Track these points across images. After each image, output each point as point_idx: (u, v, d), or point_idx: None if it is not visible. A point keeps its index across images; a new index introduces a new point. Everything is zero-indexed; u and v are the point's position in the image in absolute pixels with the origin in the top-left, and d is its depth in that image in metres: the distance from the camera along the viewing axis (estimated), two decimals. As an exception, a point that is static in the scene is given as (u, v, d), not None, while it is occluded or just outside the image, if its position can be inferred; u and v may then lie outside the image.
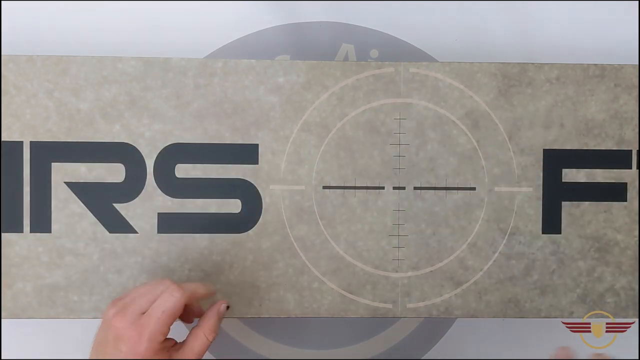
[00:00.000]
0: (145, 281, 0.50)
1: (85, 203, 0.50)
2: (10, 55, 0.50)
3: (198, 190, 0.51)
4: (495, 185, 0.51)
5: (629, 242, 0.52)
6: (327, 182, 0.51)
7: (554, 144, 0.51)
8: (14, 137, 0.50)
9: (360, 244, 0.51)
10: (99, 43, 0.56)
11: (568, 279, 0.52)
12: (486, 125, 0.51)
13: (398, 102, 0.51)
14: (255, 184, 0.51)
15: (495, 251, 0.52)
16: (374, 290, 0.51)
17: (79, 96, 0.50)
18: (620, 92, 0.52)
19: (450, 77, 0.51)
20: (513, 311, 0.52)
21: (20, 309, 0.50)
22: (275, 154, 0.51)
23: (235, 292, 0.51)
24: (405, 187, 0.51)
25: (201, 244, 0.51)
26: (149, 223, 0.51)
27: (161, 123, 0.51)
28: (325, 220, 0.51)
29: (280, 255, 0.51)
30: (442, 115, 0.51)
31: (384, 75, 0.51)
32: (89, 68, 0.50)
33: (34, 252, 0.50)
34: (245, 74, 0.51)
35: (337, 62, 0.51)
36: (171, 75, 0.50)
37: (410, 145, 0.51)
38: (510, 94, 0.51)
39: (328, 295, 0.51)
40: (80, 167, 0.50)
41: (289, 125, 0.51)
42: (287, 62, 0.51)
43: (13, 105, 0.50)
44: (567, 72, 0.51)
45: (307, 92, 0.51)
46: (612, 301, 0.52)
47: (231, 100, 0.51)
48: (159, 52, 0.47)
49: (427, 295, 0.51)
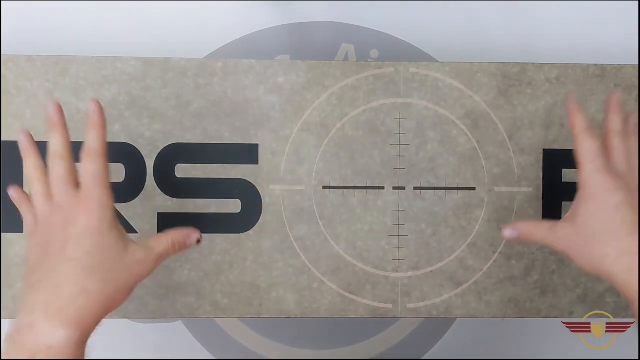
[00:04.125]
0: (145, 282, 0.50)
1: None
2: (10, 55, 0.50)
3: (198, 190, 0.51)
4: (495, 185, 0.51)
5: (629, 242, 0.52)
6: (327, 182, 0.51)
7: (554, 144, 0.51)
8: (14, 137, 0.50)
9: (360, 244, 0.51)
10: (99, 43, 0.56)
11: (568, 279, 0.52)
12: (486, 125, 0.51)
13: (398, 102, 0.51)
14: (255, 184, 0.51)
15: (495, 251, 0.52)
16: (373, 290, 0.51)
17: (79, 96, 0.50)
18: (620, 92, 0.52)
19: (450, 77, 0.51)
20: (513, 311, 0.52)
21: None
22: (275, 154, 0.51)
23: (235, 292, 0.51)
24: (405, 187, 0.51)
25: (201, 244, 0.51)
26: (149, 223, 0.51)
27: (161, 123, 0.51)
28: (325, 220, 0.51)
29: (280, 255, 0.51)
30: (442, 115, 0.51)
31: (384, 75, 0.51)
32: (89, 68, 0.50)
33: (34, 252, 0.50)
34: (245, 74, 0.51)
35: (337, 62, 0.51)
36: (171, 75, 0.50)
37: (410, 145, 0.51)
38: (510, 94, 0.51)
39: (328, 295, 0.51)
40: (80, 167, 0.50)
41: (289, 125, 0.51)
42: (287, 62, 0.51)
43: (13, 105, 0.50)
44: (567, 72, 0.51)
45: (307, 92, 0.51)
46: (612, 301, 0.52)
47: (231, 100, 0.51)
48: (159, 52, 0.47)
49: (427, 296, 0.51)
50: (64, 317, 0.35)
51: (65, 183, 0.39)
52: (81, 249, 0.37)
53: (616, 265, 0.38)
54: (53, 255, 0.37)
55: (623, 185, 0.39)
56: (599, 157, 0.40)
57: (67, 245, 0.37)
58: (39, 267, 0.37)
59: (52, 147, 0.41)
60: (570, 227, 0.41)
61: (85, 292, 0.36)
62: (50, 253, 0.37)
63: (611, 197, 0.39)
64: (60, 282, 0.36)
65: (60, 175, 0.40)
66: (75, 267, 0.36)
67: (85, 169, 0.40)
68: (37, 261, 0.38)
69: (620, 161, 0.41)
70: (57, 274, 0.36)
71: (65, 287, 0.36)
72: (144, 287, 0.50)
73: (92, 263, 0.37)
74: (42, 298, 0.36)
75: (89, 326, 0.37)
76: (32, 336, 0.35)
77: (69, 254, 0.37)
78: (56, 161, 0.40)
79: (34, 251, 0.39)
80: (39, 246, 0.38)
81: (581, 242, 0.40)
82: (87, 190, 0.39)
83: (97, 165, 0.40)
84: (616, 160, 0.41)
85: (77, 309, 0.36)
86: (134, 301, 0.50)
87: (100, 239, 0.37)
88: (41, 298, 0.36)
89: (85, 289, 0.36)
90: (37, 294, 0.36)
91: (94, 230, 0.38)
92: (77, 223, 0.38)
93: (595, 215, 0.39)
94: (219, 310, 0.51)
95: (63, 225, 0.38)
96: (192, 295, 0.51)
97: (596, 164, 0.40)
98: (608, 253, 0.38)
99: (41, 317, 0.35)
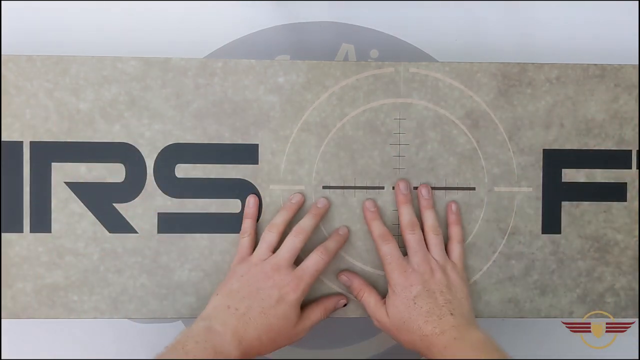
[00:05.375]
0: (145, 282, 0.50)
1: (85, 203, 0.50)
2: (10, 55, 0.50)
3: (198, 190, 0.51)
4: (495, 185, 0.51)
5: (629, 242, 0.52)
6: (327, 182, 0.51)
7: (554, 144, 0.51)
8: (14, 137, 0.50)
9: (360, 244, 0.51)
10: (99, 43, 0.56)
11: (568, 279, 0.52)
12: (486, 125, 0.51)
13: (398, 102, 0.51)
14: (255, 184, 0.51)
15: (495, 251, 0.52)
16: (374, 290, 0.51)
17: (79, 96, 0.50)
18: (620, 92, 0.52)
19: (450, 77, 0.51)
20: (513, 311, 0.52)
21: (20, 309, 0.50)
22: (275, 154, 0.51)
23: (235, 292, 0.51)
24: (405, 187, 0.51)
25: (201, 244, 0.51)
26: (149, 223, 0.51)
27: (161, 123, 0.51)
28: (325, 220, 0.51)
29: (280, 255, 0.51)
30: (442, 115, 0.51)
31: (384, 75, 0.51)
32: (89, 68, 0.50)
33: (34, 252, 0.50)
34: (245, 74, 0.51)
35: (337, 62, 0.51)
36: (171, 75, 0.50)
37: (410, 145, 0.51)
38: (510, 93, 0.51)
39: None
40: (80, 167, 0.50)
41: (289, 125, 0.51)
42: (287, 62, 0.51)
43: (13, 105, 0.50)
44: (567, 72, 0.51)
45: (307, 92, 0.51)
46: (612, 301, 0.52)
47: (231, 100, 0.51)
48: (159, 52, 0.47)
49: (427, 295, 0.51)
50: (241, 346, 0.44)
51: (292, 257, 0.48)
52: (274, 312, 0.46)
53: (420, 348, 0.45)
54: (255, 299, 0.46)
55: (417, 280, 0.47)
56: (393, 258, 0.48)
57: (267, 301, 0.46)
58: (240, 298, 0.46)
59: (303, 222, 0.49)
60: (385, 317, 0.48)
61: (259, 340, 0.45)
62: (253, 295, 0.46)
63: (408, 293, 0.47)
64: (250, 323, 0.45)
65: (296, 248, 0.48)
66: (265, 320, 0.45)
67: (316, 261, 0.48)
68: (240, 291, 0.46)
69: (413, 253, 0.48)
70: (250, 315, 0.45)
71: (251, 328, 0.45)
72: (143, 287, 0.50)
73: (274, 325, 0.46)
74: (235, 323, 0.45)
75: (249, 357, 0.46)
76: (220, 341, 0.44)
77: (265, 308, 0.46)
78: (301, 236, 0.48)
79: (240, 281, 0.47)
80: (246, 281, 0.47)
81: (394, 330, 0.47)
82: (304, 273, 0.47)
83: (324, 264, 0.48)
84: (410, 253, 0.48)
85: (250, 347, 0.45)
86: (134, 301, 0.50)
87: (289, 312, 0.46)
88: (234, 323, 0.45)
89: (260, 339, 0.45)
90: (232, 317, 0.45)
91: (289, 303, 0.46)
92: (282, 290, 0.46)
93: (399, 309, 0.47)
94: (219, 310, 0.51)
95: (273, 284, 0.46)
96: (192, 295, 0.51)
97: (393, 265, 0.48)
98: (413, 340, 0.46)
99: (229, 334, 0.44)
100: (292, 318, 0.46)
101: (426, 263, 0.48)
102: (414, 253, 0.48)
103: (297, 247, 0.48)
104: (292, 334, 0.47)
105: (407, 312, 0.46)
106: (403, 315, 0.46)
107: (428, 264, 0.48)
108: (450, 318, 0.45)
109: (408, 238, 0.49)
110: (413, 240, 0.49)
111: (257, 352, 0.46)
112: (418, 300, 0.46)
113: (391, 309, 0.47)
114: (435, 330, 0.44)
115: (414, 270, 0.47)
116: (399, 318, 0.46)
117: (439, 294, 0.46)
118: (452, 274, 0.48)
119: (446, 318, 0.45)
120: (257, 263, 0.48)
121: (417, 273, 0.47)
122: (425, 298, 0.46)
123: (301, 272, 0.47)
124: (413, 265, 0.48)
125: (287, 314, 0.46)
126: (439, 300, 0.46)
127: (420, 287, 0.46)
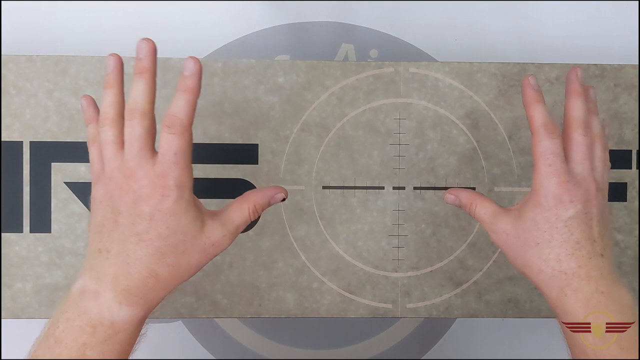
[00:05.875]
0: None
1: (85, 203, 0.50)
2: (10, 55, 0.50)
3: (198, 190, 0.51)
4: (495, 185, 0.51)
5: (629, 242, 0.52)
6: (327, 182, 0.51)
7: (554, 144, 0.51)
8: (14, 137, 0.50)
9: (360, 244, 0.51)
10: (99, 43, 0.56)
11: (568, 279, 0.52)
12: (486, 125, 0.51)
13: (398, 102, 0.51)
14: (255, 184, 0.51)
15: (495, 251, 0.52)
16: (373, 290, 0.51)
17: (79, 96, 0.50)
18: (620, 92, 0.52)
19: (450, 77, 0.51)
20: (513, 311, 0.52)
21: (20, 309, 0.50)
22: (275, 154, 0.51)
23: (235, 292, 0.51)
24: (405, 187, 0.51)
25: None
26: (149, 223, 0.51)
27: (161, 123, 0.50)
28: (325, 220, 0.51)
29: (280, 255, 0.51)
30: (442, 115, 0.51)
31: (384, 75, 0.51)
32: (89, 68, 0.50)
33: (33, 252, 0.50)
34: (245, 74, 0.51)
35: (337, 62, 0.51)
36: (171, 75, 0.50)
37: (410, 145, 0.51)
38: (510, 93, 0.51)
39: (328, 295, 0.51)
40: (80, 167, 0.50)
41: (288, 125, 0.51)
42: (287, 62, 0.51)
43: (13, 105, 0.50)
44: (567, 72, 0.51)
45: (307, 92, 0.51)
46: (612, 301, 0.52)
47: (231, 100, 0.51)
48: (159, 52, 0.46)
49: (427, 295, 0.51)
50: (131, 296, 0.34)
51: (142, 147, 0.35)
52: (154, 232, 0.34)
53: (548, 285, 0.36)
54: (123, 227, 0.35)
55: (578, 197, 0.36)
56: (557, 159, 0.36)
57: (138, 222, 0.34)
58: (108, 233, 0.35)
59: (133, 98, 0.35)
60: (512, 227, 0.37)
61: (155, 276, 0.34)
62: (119, 223, 0.35)
63: (562, 211, 0.36)
64: (131, 261, 0.34)
65: (139, 135, 0.35)
66: (146, 248, 0.34)
67: (168, 142, 0.35)
68: (104, 224, 0.35)
69: (581, 160, 0.37)
70: (127, 251, 0.34)
71: (135, 268, 0.34)
72: (143, 287, 0.50)
73: (164, 247, 0.34)
74: (111, 271, 0.34)
75: (153, 306, 0.36)
76: (96, 307, 0.34)
77: (140, 234, 0.34)
78: (136, 117, 0.35)
79: (101, 209, 0.36)
80: (107, 207, 0.35)
81: (518, 247, 0.37)
82: (165, 166, 0.34)
83: (181, 141, 0.35)
84: (576, 160, 0.37)
85: (145, 291, 0.34)
86: (133, 301, 0.50)
87: (174, 222, 0.34)
88: (110, 270, 0.34)
89: (155, 274, 0.34)
90: (106, 263, 0.34)
91: (167, 212, 0.34)
92: (150, 201, 0.34)
93: (540, 226, 0.36)
94: (218, 310, 0.51)
95: (134, 198, 0.34)
96: (192, 295, 0.51)
97: (553, 168, 0.36)
98: (543, 270, 0.36)
99: (109, 290, 0.34)
100: (188, 227, 0.35)
101: (591, 178, 0.36)
102: (581, 160, 0.36)
103: (140, 132, 0.35)
104: (203, 247, 0.36)
105: (549, 232, 0.36)
106: (541, 235, 0.36)
107: (593, 179, 0.36)
108: (600, 260, 0.35)
109: (579, 140, 0.37)
110: (584, 145, 0.37)
111: (162, 292, 0.35)
112: (571, 224, 0.35)
113: (526, 222, 0.37)
114: (579, 272, 0.35)
115: (577, 183, 0.36)
116: (532, 237, 0.36)
117: (596, 223, 0.36)
118: (606, 201, 0.37)
119: (595, 259, 0.35)
120: (110, 176, 0.35)
121: (581, 189, 0.36)
122: (581, 224, 0.35)
123: (162, 164, 0.34)
124: (576, 176, 0.36)
125: (175, 227, 0.34)
126: (593, 232, 0.36)
127: (581, 207, 0.35)
